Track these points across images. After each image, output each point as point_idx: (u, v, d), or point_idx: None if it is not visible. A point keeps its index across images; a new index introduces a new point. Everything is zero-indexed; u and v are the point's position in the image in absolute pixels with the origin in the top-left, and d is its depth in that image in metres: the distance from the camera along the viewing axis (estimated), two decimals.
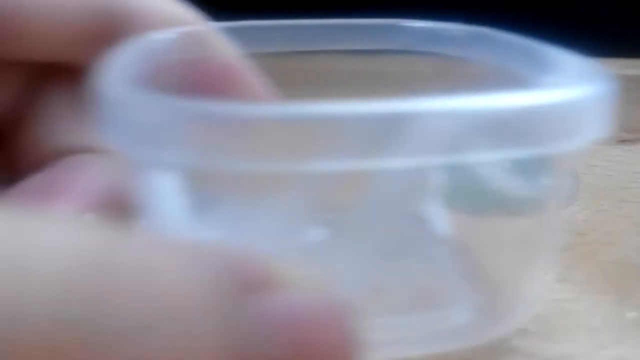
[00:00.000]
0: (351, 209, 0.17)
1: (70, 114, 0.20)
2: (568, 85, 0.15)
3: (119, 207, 0.18)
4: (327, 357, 0.12)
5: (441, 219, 0.20)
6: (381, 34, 0.22)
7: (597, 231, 0.23)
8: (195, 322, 0.11)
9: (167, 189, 0.15)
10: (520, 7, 0.22)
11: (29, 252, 0.11)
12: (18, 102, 0.20)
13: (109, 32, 0.19)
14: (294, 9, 0.22)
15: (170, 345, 0.11)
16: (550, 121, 0.14)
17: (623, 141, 0.32)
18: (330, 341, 0.12)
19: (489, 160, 0.17)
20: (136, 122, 0.13)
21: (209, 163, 0.13)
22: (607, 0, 0.44)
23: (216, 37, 0.20)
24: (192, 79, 0.19)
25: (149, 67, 0.17)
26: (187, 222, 0.16)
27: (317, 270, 0.12)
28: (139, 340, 0.11)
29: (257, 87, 0.20)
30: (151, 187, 0.15)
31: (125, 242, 0.11)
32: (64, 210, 0.18)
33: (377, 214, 0.16)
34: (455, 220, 0.20)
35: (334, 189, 0.15)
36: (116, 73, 0.14)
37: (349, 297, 0.12)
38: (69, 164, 0.19)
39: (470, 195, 0.19)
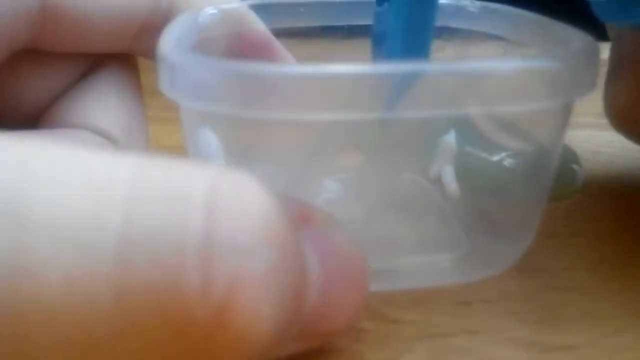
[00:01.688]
0: (361, 168, 0.20)
1: (97, 97, 0.21)
2: (559, 52, 0.18)
3: None
4: (354, 279, 0.14)
5: (448, 176, 0.22)
6: None
7: (602, 219, 0.23)
8: (272, 245, 0.12)
9: (213, 144, 0.18)
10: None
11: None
12: (65, 88, 0.21)
13: (157, 20, 0.21)
14: None
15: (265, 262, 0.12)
16: (539, 80, 0.16)
17: None
18: (354, 267, 0.14)
19: (483, 113, 0.19)
20: (193, 79, 0.16)
21: (249, 113, 0.16)
22: None
23: (249, 14, 0.22)
24: (231, 49, 0.21)
25: (196, 39, 0.19)
26: None
27: (338, 218, 0.15)
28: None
29: (287, 58, 0.22)
30: (200, 140, 0.18)
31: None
32: None
33: (386, 169, 0.20)
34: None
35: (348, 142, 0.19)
36: (175, 42, 0.17)
37: (361, 238, 0.15)
38: (60, 130, 0.20)
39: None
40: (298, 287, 0.13)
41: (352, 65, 0.15)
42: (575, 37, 0.18)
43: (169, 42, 0.17)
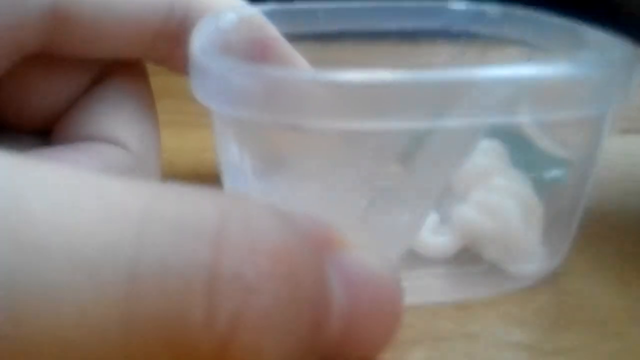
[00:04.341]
0: (394, 179, 0.19)
1: (111, 106, 0.21)
2: (596, 58, 0.18)
3: None
4: (384, 305, 0.13)
5: None
6: (426, 16, 0.23)
7: (601, 223, 0.23)
8: (293, 275, 0.12)
9: (244, 151, 0.18)
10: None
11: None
12: (76, 95, 0.21)
13: (171, 27, 0.20)
14: None
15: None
16: (580, 88, 0.16)
17: (626, 131, 0.31)
18: (385, 292, 0.13)
19: (531, 121, 0.18)
20: (227, 84, 0.15)
21: (285, 120, 0.15)
22: None
23: (264, 19, 0.22)
24: (248, 54, 0.21)
25: (219, 44, 0.19)
26: (256, 184, 0.19)
27: (366, 237, 0.14)
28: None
29: (301, 63, 0.22)
30: (229, 148, 0.18)
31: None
32: None
33: (428, 175, 0.18)
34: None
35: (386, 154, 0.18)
36: (205, 46, 0.17)
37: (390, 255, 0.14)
38: (80, 145, 0.20)
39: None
40: (315, 317, 0.12)
41: (401, 74, 0.15)
42: (612, 43, 0.18)
43: (201, 48, 0.17)
